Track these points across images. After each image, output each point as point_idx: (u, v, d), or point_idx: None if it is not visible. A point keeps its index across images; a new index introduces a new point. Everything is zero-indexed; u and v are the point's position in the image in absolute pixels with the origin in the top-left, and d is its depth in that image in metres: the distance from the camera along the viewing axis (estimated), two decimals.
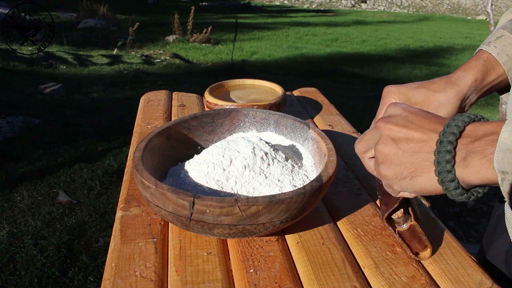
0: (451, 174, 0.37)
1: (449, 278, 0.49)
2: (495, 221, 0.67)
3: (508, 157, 0.33)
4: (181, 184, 0.56)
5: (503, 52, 0.56)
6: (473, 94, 0.56)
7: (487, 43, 0.58)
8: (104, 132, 2.93)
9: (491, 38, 0.58)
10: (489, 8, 2.30)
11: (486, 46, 0.57)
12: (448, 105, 0.54)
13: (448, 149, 0.37)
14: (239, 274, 0.49)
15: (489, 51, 0.57)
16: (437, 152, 0.37)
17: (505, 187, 0.34)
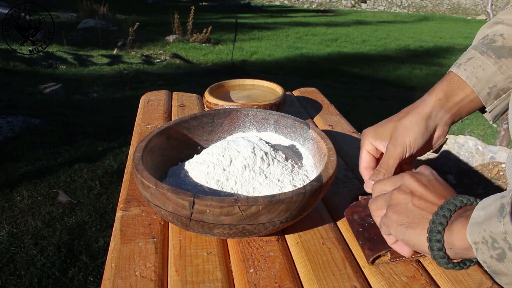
0: (439, 235, 0.42)
1: (449, 278, 0.49)
2: None
3: (477, 229, 0.38)
4: (181, 184, 0.56)
5: (472, 75, 0.56)
6: (441, 113, 0.57)
7: (457, 65, 0.58)
8: (104, 132, 2.93)
9: (462, 59, 0.58)
10: (489, 8, 2.30)
11: (456, 69, 0.57)
12: (413, 127, 0.56)
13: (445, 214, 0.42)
14: (239, 274, 0.49)
15: (458, 74, 0.57)
16: (435, 214, 0.43)
17: (480, 256, 0.38)
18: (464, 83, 0.56)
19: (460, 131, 3.39)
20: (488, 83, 0.56)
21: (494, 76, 0.56)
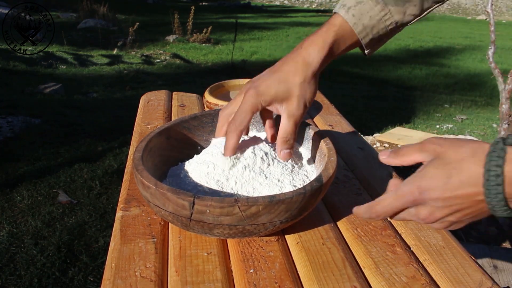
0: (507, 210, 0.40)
1: (449, 278, 0.49)
2: None
3: None
4: (181, 184, 0.56)
5: (360, 21, 0.56)
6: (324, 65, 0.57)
7: (346, 8, 0.57)
8: (104, 132, 2.93)
9: (350, 1, 0.57)
10: (489, 8, 2.30)
11: (345, 12, 0.56)
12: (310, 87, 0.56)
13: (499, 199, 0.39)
14: (239, 274, 0.49)
15: (346, 20, 0.56)
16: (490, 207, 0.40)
17: None
18: (352, 30, 0.56)
19: (460, 131, 3.39)
20: (373, 31, 0.57)
21: (378, 24, 0.57)
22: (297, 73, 0.55)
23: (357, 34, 0.57)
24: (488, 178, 0.39)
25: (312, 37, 0.57)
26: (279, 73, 0.55)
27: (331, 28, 0.56)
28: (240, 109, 0.54)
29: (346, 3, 0.57)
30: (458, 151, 0.42)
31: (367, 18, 0.56)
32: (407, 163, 0.47)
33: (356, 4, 0.56)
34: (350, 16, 0.56)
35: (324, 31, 0.56)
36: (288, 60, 0.56)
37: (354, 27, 0.56)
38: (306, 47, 0.56)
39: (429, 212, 0.43)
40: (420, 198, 0.43)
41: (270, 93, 0.54)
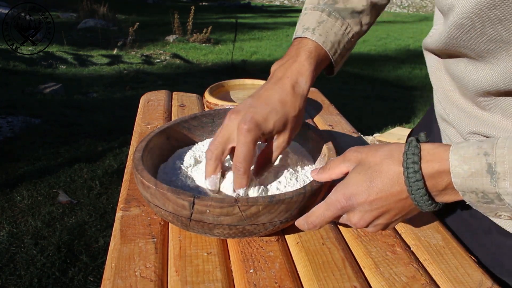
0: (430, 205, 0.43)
1: (449, 278, 0.49)
2: None
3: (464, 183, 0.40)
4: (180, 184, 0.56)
5: (328, 39, 0.58)
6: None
7: (311, 30, 0.58)
8: (104, 132, 2.93)
9: (311, 23, 0.59)
10: None
11: (311, 34, 0.58)
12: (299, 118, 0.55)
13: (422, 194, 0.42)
14: (239, 274, 0.49)
15: (315, 40, 0.57)
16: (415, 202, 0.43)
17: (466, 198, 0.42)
18: (324, 51, 0.58)
19: None
20: (340, 46, 0.60)
21: (343, 38, 0.60)
22: (291, 105, 0.53)
23: (328, 52, 0.58)
24: (407, 176, 0.42)
25: (293, 65, 0.56)
26: (273, 104, 0.52)
27: (308, 54, 0.57)
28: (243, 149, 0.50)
29: (308, 26, 0.59)
30: (376, 155, 0.44)
31: (332, 35, 0.59)
32: (336, 176, 0.49)
33: (318, 25, 0.59)
34: (317, 36, 0.58)
35: (304, 58, 0.56)
36: (277, 89, 0.54)
37: (324, 45, 0.58)
38: (293, 76, 0.55)
39: (359, 217, 0.46)
40: (348, 205, 0.45)
41: (269, 127, 0.52)
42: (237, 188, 0.52)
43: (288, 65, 0.56)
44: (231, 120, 0.52)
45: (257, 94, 0.54)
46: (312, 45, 0.57)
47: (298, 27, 0.61)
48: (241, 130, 0.50)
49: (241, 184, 0.51)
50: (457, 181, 0.40)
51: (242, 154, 0.50)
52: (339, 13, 0.60)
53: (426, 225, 0.59)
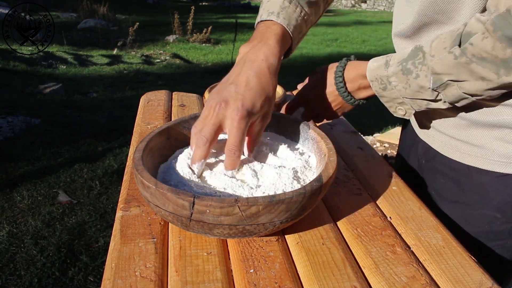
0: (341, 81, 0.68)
1: (449, 278, 0.49)
2: None
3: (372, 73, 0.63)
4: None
5: (291, 23, 0.64)
6: None
7: (276, 14, 0.63)
8: (104, 132, 2.93)
9: (275, 8, 0.64)
10: None
11: (276, 17, 0.63)
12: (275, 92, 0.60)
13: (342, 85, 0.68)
14: (239, 274, 0.49)
15: (281, 23, 0.62)
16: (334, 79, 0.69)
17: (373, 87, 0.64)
18: (288, 33, 0.63)
19: None
20: (300, 30, 0.66)
21: (302, 24, 0.66)
22: (269, 85, 0.57)
23: (291, 34, 0.63)
24: (335, 80, 0.68)
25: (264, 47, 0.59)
26: (255, 87, 0.55)
27: (276, 36, 0.61)
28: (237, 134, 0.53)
29: (273, 11, 0.64)
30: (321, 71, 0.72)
31: (293, 20, 0.64)
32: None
33: (281, 10, 0.64)
34: (282, 19, 0.63)
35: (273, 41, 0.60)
36: (254, 72, 0.57)
37: (288, 28, 0.63)
38: (267, 58, 0.58)
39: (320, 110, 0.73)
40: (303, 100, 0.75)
41: (257, 110, 0.55)
42: (230, 169, 0.55)
43: (259, 47, 0.59)
44: (221, 109, 0.54)
45: (237, 80, 0.56)
46: (278, 28, 0.62)
47: (262, 12, 0.66)
48: (235, 119, 0.53)
49: (234, 165, 0.55)
50: (368, 73, 0.64)
51: (237, 139, 0.53)
52: (298, 1, 0.67)
53: (426, 225, 0.59)
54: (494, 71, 0.53)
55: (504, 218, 0.66)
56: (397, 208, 0.62)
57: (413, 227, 0.58)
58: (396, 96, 0.62)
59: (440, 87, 0.57)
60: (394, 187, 0.68)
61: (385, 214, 0.61)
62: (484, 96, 0.57)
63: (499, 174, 0.65)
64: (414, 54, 0.59)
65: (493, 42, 0.51)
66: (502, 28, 0.50)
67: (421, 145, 0.77)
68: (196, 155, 0.55)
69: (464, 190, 0.69)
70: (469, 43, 0.53)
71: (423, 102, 0.61)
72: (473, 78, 0.54)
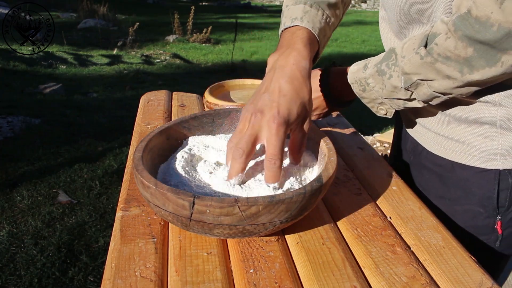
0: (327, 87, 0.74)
1: (449, 278, 0.49)
2: None
3: (352, 75, 0.67)
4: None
5: (316, 26, 0.64)
6: None
7: (299, 19, 0.64)
8: (104, 132, 2.93)
9: (298, 14, 0.65)
10: None
11: (300, 22, 0.63)
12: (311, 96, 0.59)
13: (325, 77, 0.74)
14: (239, 274, 0.49)
15: (306, 27, 0.63)
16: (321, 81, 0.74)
17: (354, 89, 0.67)
18: (315, 37, 0.63)
19: None
20: (325, 33, 0.68)
21: (326, 26, 0.67)
22: (304, 89, 0.56)
23: (317, 37, 0.63)
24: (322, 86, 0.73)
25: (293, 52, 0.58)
26: (290, 94, 0.54)
27: (303, 40, 0.60)
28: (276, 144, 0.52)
29: (296, 16, 0.64)
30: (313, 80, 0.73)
31: (317, 23, 0.65)
32: None
33: (304, 14, 0.65)
34: (306, 23, 0.63)
35: (301, 45, 0.59)
36: (286, 78, 0.55)
37: (313, 31, 0.63)
38: (297, 63, 0.57)
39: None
40: None
41: (294, 117, 0.54)
42: (272, 182, 0.53)
43: (288, 53, 0.58)
44: (256, 119, 0.53)
45: (270, 88, 0.55)
46: (304, 32, 0.61)
47: (285, 20, 0.66)
48: (272, 127, 0.52)
49: (276, 177, 0.53)
50: (349, 76, 0.67)
51: (276, 149, 0.52)
52: (319, 5, 0.67)
53: (426, 225, 0.59)
54: (458, 70, 0.54)
55: (486, 213, 0.68)
56: (397, 208, 0.62)
57: (413, 227, 0.58)
58: (375, 96, 0.65)
59: (411, 86, 0.59)
60: (394, 187, 0.68)
61: (385, 214, 0.61)
62: (454, 94, 0.58)
63: (481, 169, 0.66)
64: (388, 56, 0.61)
65: (455, 42, 0.53)
66: (462, 28, 0.51)
67: (409, 141, 0.79)
68: (234, 169, 0.53)
69: (448, 186, 0.70)
70: (434, 43, 0.55)
71: (400, 102, 0.63)
72: (439, 77, 0.56)
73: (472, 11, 0.51)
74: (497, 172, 0.65)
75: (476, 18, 0.50)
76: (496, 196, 0.66)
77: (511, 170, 0.65)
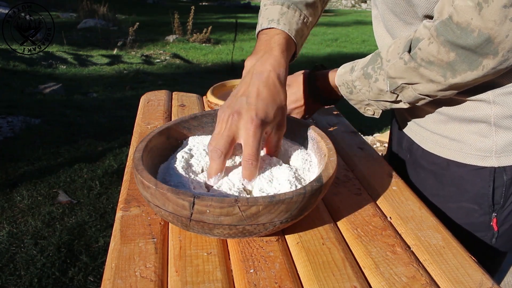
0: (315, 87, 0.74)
1: (449, 278, 0.49)
2: None
3: (339, 78, 0.69)
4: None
5: (292, 28, 0.64)
6: None
7: (276, 21, 0.64)
8: (104, 132, 2.93)
9: (275, 15, 0.64)
10: None
11: (276, 24, 0.63)
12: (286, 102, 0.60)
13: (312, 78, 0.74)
14: (239, 274, 0.49)
15: (283, 29, 0.63)
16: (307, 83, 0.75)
17: (341, 92, 0.69)
18: (291, 40, 0.64)
19: None
20: (302, 33, 0.67)
21: (303, 27, 0.67)
22: (280, 95, 0.57)
23: (294, 39, 0.64)
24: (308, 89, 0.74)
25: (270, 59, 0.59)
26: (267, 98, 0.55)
27: (281, 46, 0.61)
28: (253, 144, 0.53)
29: (272, 18, 0.64)
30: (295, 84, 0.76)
31: (294, 24, 0.65)
32: None
33: (281, 16, 0.65)
34: (283, 25, 0.63)
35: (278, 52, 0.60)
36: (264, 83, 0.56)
37: (289, 33, 0.63)
38: (275, 69, 0.58)
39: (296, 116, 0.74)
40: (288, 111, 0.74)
41: (270, 120, 0.55)
42: (249, 180, 0.54)
43: (265, 59, 0.59)
44: (234, 120, 0.53)
45: (247, 91, 0.56)
46: (281, 37, 0.62)
47: (262, 20, 0.66)
48: (250, 128, 0.53)
49: (252, 176, 0.54)
50: (336, 78, 0.69)
51: (253, 149, 0.53)
52: (296, 5, 0.67)
53: (426, 225, 0.59)
54: (441, 74, 0.56)
55: (482, 210, 0.68)
56: (397, 208, 0.62)
57: (413, 227, 0.58)
58: (362, 98, 0.67)
59: (396, 89, 0.61)
60: (394, 187, 0.68)
61: (385, 214, 0.61)
62: (438, 96, 0.60)
63: (476, 167, 0.67)
64: (374, 59, 0.63)
65: (438, 47, 0.54)
66: (444, 34, 0.53)
67: (405, 140, 0.80)
68: (212, 169, 0.54)
69: (443, 183, 0.71)
70: (418, 48, 0.56)
71: (387, 103, 0.65)
72: (424, 80, 0.58)
73: (453, 17, 0.52)
74: (492, 169, 0.66)
75: (457, 24, 0.52)
76: (492, 193, 0.67)
77: (506, 167, 0.65)
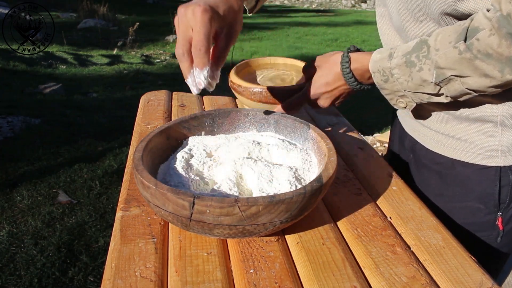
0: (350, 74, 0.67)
1: (449, 278, 0.49)
2: None
3: (375, 64, 0.63)
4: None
5: None
6: None
7: None
8: (104, 132, 2.93)
9: None
10: None
11: None
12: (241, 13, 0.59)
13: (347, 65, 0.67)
14: (239, 274, 0.49)
15: None
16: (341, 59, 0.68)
17: (375, 79, 0.64)
18: None
19: None
20: None
21: None
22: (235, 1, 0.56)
23: None
24: (343, 72, 0.68)
25: None
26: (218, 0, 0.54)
27: None
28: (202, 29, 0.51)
29: None
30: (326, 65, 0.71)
31: None
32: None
33: None
34: None
35: None
36: None
37: None
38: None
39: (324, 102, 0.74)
40: (315, 95, 0.72)
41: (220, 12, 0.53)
42: (200, 68, 0.52)
43: None
44: (184, 14, 0.52)
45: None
46: None
47: None
48: (197, 12, 0.51)
49: (204, 64, 0.52)
50: (371, 64, 0.63)
51: (201, 35, 0.51)
52: None
53: (426, 225, 0.59)
54: (498, 69, 0.52)
55: (487, 209, 0.68)
56: (397, 208, 0.62)
57: (413, 227, 0.58)
58: (397, 89, 0.62)
59: (443, 81, 0.57)
60: (394, 187, 0.68)
61: (385, 214, 0.61)
62: (487, 92, 0.56)
63: (481, 166, 0.67)
64: (419, 47, 0.58)
65: (499, 40, 0.50)
66: (507, 26, 0.50)
67: (407, 140, 0.79)
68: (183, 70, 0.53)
69: (448, 183, 0.71)
70: (476, 38, 0.52)
71: (425, 96, 0.61)
72: (476, 74, 0.54)
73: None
74: (498, 169, 0.66)
75: None
76: (498, 192, 0.66)
77: (511, 166, 0.65)
